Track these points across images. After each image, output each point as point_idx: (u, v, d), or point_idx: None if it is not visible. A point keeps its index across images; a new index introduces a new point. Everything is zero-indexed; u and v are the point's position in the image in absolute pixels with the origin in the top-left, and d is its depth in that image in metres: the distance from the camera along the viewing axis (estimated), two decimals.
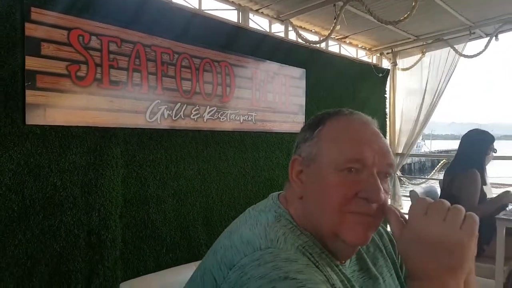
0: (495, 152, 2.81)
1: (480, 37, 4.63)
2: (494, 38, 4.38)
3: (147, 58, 2.60)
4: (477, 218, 0.66)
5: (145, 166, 2.59)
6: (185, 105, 2.79)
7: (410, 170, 31.85)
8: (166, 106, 2.68)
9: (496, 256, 2.46)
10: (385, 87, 5.26)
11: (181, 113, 2.76)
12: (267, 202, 0.83)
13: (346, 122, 0.78)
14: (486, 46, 4.43)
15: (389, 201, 0.76)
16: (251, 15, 3.60)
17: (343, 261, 0.79)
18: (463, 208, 0.67)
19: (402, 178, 5.83)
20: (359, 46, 5.21)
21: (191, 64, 2.82)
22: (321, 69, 4.06)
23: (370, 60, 5.31)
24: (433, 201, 0.68)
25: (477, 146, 2.82)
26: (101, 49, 2.37)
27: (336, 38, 4.85)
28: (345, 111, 0.81)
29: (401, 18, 3.14)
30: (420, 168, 37.05)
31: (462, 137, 3.00)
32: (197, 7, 3.13)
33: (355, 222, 0.71)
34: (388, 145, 0.77)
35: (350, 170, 0.71)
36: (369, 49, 5.31)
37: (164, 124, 2.68)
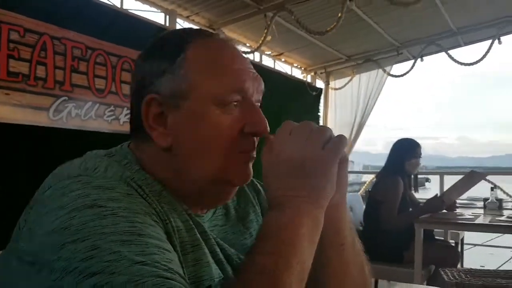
0: (420, 157, 2.83)
1: (408, 58, 4.87)
2: (419, 59, 4.61)
3: (54, 51, 2.38)
4: (344, 139, 0.59)
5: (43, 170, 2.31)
6: (98, 104, 2.56)
7: None
8: (75, 104, 2.44)
9: (414, 259, 2.44)
10: (319, 105, 5.34)
11: (92, 113, 2.53)
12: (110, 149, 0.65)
13: (215, 46, 0.64)
14: (412, 67, 4.65)
15: None
16: (181, 22, 3.49)
17: (203, 211, 0.66)
18: (329, 128, 0.60)
19: None
20: (294, 64, 5.27)
21: (107, 61, 2.62)
22: None
23: (304, 79, 5.38)
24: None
25: (399, 153, 2.87)
26: None
27: (272, 55, 4.87)
28: (205, 31, 0.67)
29: (328, 29, 3.18)
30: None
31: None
32: (119, 6, 2.96)
33: (243, 162, 0.62)
34: None
35: (234, 104, 0.60)
36: (304, 69, 5.39)
37: (71, 124, 2.43)
